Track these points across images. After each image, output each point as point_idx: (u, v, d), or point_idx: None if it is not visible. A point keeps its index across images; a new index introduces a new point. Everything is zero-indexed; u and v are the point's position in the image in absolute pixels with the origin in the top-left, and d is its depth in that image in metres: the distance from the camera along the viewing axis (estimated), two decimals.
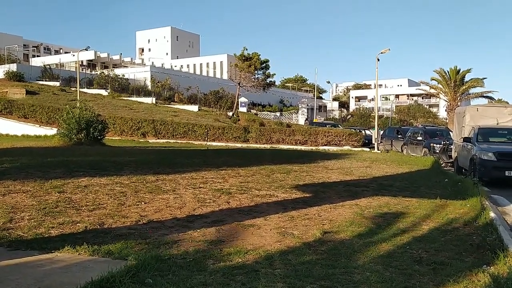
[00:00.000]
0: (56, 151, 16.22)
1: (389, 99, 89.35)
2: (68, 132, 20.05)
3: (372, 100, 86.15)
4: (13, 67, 45.83)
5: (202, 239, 5.32)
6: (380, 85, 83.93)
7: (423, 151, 21.80)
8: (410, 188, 10.33)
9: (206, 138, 30.31)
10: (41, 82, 44.71)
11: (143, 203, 7.25)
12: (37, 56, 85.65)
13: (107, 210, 6.61)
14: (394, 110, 73.90)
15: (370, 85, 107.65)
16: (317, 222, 6.38)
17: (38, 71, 48.99)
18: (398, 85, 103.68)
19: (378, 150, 27.36)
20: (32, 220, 5.85)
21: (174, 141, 30.34)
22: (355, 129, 34.95)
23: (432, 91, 48.49)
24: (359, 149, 28.13)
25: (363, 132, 33.91)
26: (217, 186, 9.27)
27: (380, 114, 47.39)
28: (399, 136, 27.14)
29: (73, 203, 6.95)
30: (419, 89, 58.60)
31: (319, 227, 6.06)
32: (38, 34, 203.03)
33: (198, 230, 5.74)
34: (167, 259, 4.42)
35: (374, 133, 29.63)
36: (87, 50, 46.78)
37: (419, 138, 23.14)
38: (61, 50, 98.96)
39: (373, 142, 28.87)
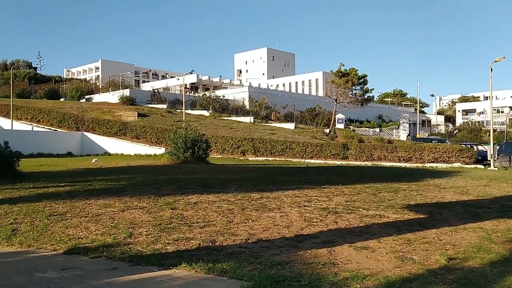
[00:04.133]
0: (166, 169, 17.22)
1: (503, 112, 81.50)
2: (175, 151, 21.23)
3: (482, 113, 79.39)
4: (126, 92, 50.34)
5: (314, 260, 5.10)
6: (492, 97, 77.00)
7: None
8: None
9: (304, 156, 30.12)
10: (150, 105, 48.44)
11: (250, 220, 7.26)
12: (147, 81, 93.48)
13: (217, 227, 6.71)
14: (509, 124, 67.12)
15: (479, 97, 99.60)
16: (439, 247, 5.81)
17: (148, 95, 53.22)
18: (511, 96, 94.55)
19: (494, 167, 24.89)
20: (150, 236, 6.12)
21: (273, 158, 30.62)
22: (465, 145, 32.27)
23: None
24: (472, 166, 25.85)
25: (475, 147, 31.16)
26: (322, 205, 9.01)
27: (493, 128, 43.28)
28: None
29: (185, 220, 7.18)
30: None
31: (442, 252, 5.50)
32: (147, 61, 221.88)
33: (309, 251, 5.53)
34: (281, 281, 4.28)
35: (489, 149, 27.04)
36: (191, 73, 49.78)
37: None
38: (167, 75, 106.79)
39: (489, 158, 26.33)
